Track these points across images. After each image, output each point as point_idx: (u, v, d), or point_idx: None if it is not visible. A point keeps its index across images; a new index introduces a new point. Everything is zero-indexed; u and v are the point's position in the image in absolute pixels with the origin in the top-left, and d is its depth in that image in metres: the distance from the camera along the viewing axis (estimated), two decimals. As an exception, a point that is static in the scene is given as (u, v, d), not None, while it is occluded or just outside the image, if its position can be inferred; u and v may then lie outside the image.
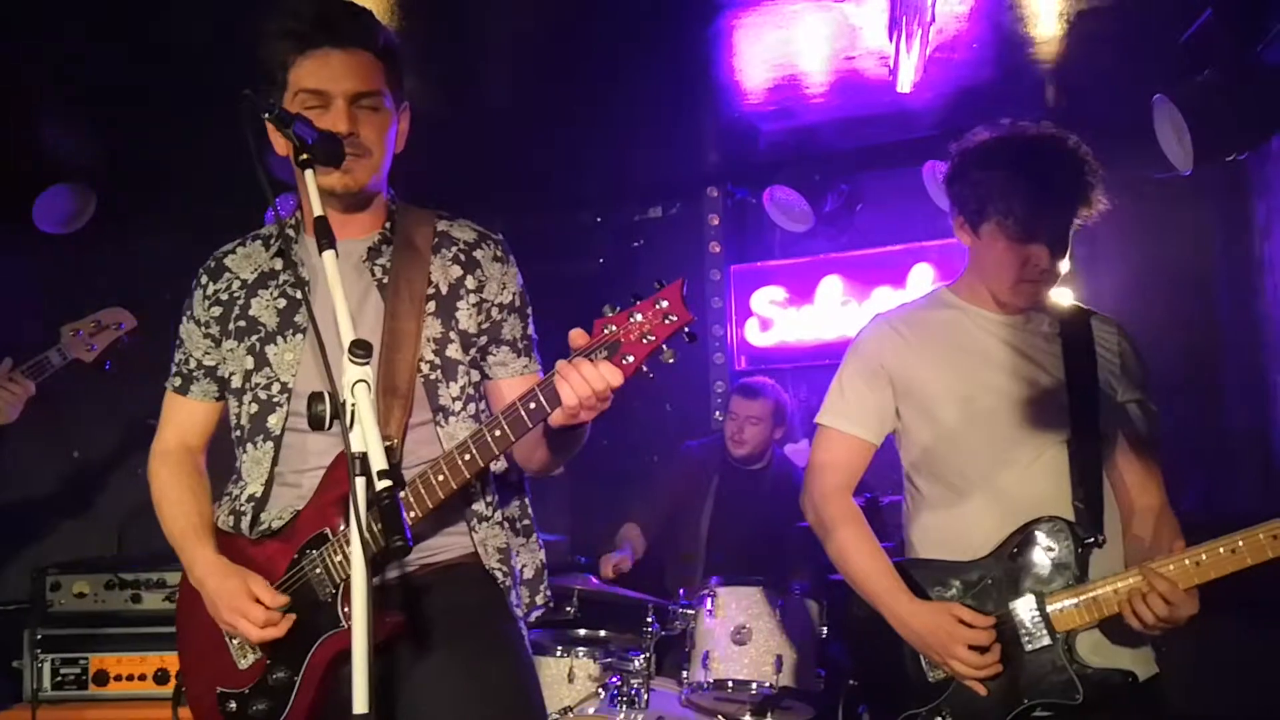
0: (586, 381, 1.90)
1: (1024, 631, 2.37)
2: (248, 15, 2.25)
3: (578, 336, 1.95)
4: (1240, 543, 2.23)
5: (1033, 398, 2.47)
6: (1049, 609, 2.36)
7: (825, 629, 3.97)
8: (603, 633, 4.31)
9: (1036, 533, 2.41)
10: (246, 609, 2.10)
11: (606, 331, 1.92)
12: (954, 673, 2.37)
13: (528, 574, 2.36)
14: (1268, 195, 4.47)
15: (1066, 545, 2.39)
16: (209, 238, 2.50)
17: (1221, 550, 2.24)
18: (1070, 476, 2.44)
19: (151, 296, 4.01)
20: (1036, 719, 2.37)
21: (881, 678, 2.55)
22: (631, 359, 1.91)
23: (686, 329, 1.93)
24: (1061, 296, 2.65)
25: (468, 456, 2.03)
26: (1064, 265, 2.50)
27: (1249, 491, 4.49)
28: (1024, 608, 2.38)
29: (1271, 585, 2.28)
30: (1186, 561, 2.25)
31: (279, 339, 2.25)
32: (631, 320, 1.92)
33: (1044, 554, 2.39)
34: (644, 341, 1.91)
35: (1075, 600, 2.35)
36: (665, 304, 1.91)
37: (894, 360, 2.58)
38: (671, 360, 1.94)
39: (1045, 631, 2.36)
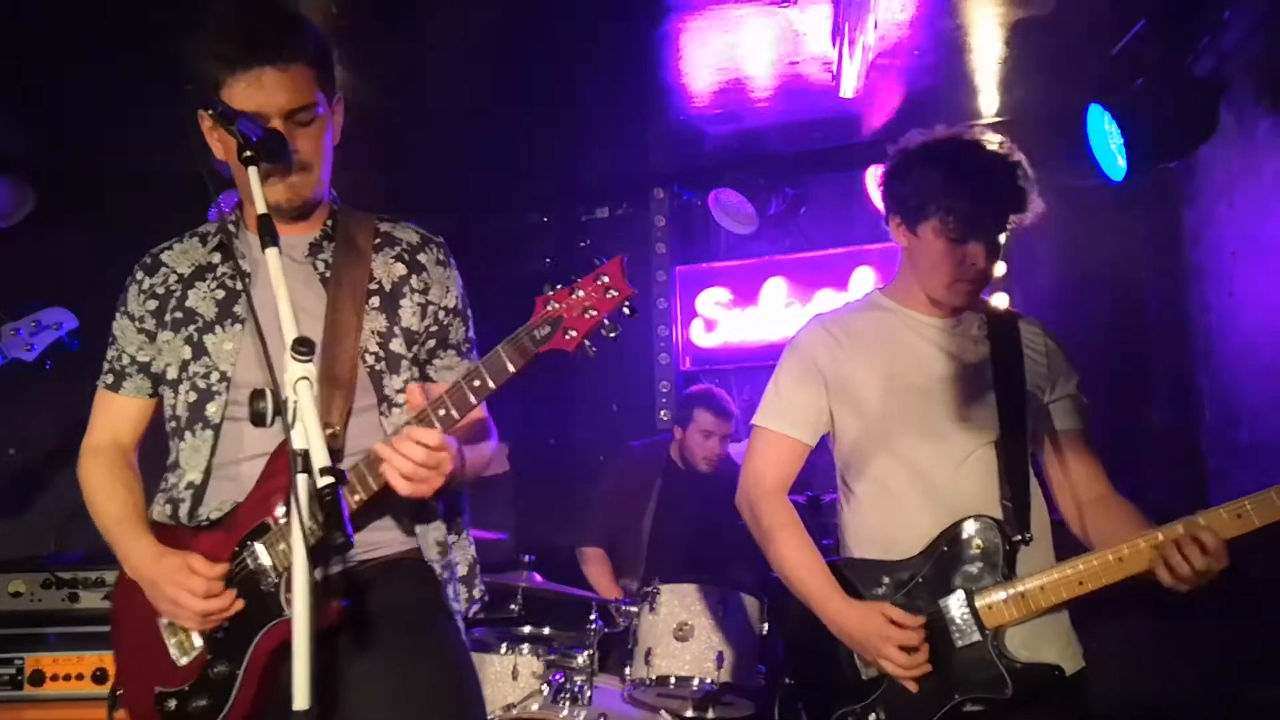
0: (403, 456, 1.98)
1: (954, 628, 2.41)
2: (188, 10, 2.24)
3: (412, 397, 2.06)
4: (1224, 514, 2.27)
5: (961, 399, 2.52)
6: (978, 605, 2.40)
7: (766, 625, 4.02)
8: (546, 630, 4.33)
9: (965, 531, 2.45)
10: (187, 581, 2.09)
11: (549, 308, 1.97)
12: (886, 671, 2.40)
13: (462, 570, 2.38)
14: (1196, 203, 4.60)
15: (995, 543, 2.43)
16: (148, 235, 2.48)
17: (1224, 515, 2.27)
18: (998, 476, 2.49)
19: (89, 293, 3.97)
20: (968, 713, 2.41)
21: (817, 676, 2.57)
22: (574, 333, 1.96)
23: (627, 303, 1.97)
24: (993, 300, 2.73)
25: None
26: (998, 268, 2.59)
27: (1175, 492, 4.62)
28: (954, 605, 2.42)
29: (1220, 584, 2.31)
30: (1223, 514, 2.27)
31: (217, 329, 2.25)
32: (574, 296, 1.97)
33: (973, 552, 2.44)
34: (586, 316, 1.96)
35: (1004, 596, 2.39)
36: (606, 279, 1.97)
37: (827, 361, 2.61)
38: (613, 335, 1.98)
39: (975, 628, 2.40)
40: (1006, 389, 2.52)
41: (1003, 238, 2.53)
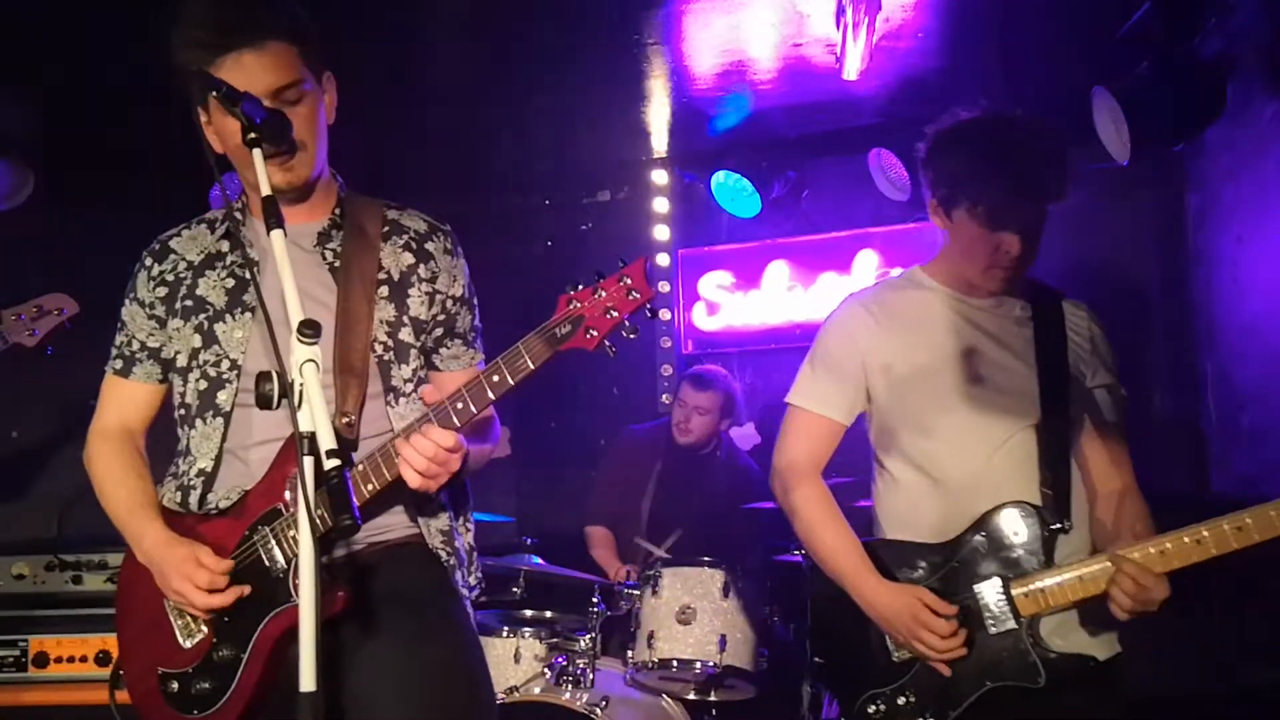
0: (419, 453, 2.00)
1: (988, 615, 2.39)
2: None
3: (429, 394, 2.08)
4: (1205, 533, 2.24)
5: (1002, 382, 2.48)
6: (1014, 593, 2.38)
7: (769, 609, 4.03)
8: (549, 613, 4.35)
9: (1003, 517, 2.41)
10: (193, 572, 2.10)
11: (571, 307, 1.98)
12: (918, 654, 2.39)
13: (462, 555, 2.38)
14: (1201, 188, 4.59)
15: (1033, 530, 2.39)
16: (151, 219, 2.48)
17: (1186, 540, 2.25)
18: (1038, 461, 2.45)
19: (91, 276, 3.96)
20: (1006, 704, 2.38)
21: (845, 656, 2.55)
22: (595, 333, 1.97)
23: (648, 305, 1.99)
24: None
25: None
26: (1035, 246, 2.48)
27: (1180, 477, 4.61)
28: (989, 591, 2.39)
29: (1226, 567, 2.30)
30: (1151, 549, 2.26)
31: (228, 317, 2.26)
32: (596, 296, 1.98)
33: (1010, 538, 2.40)
34: (608, 316, 1.97)
35: (1040, 585, 2.36)
36: (629, 280, 1.98)
37: (865, 340, 2.57)
38: (634, 336, 2.00)
39: (1010, 616, 2.37)
40: (1049, 372, 2.47)
41: (1042, 222, 2.46)
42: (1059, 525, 2.40)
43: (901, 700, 2.42)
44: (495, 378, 2.01)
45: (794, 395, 2.65)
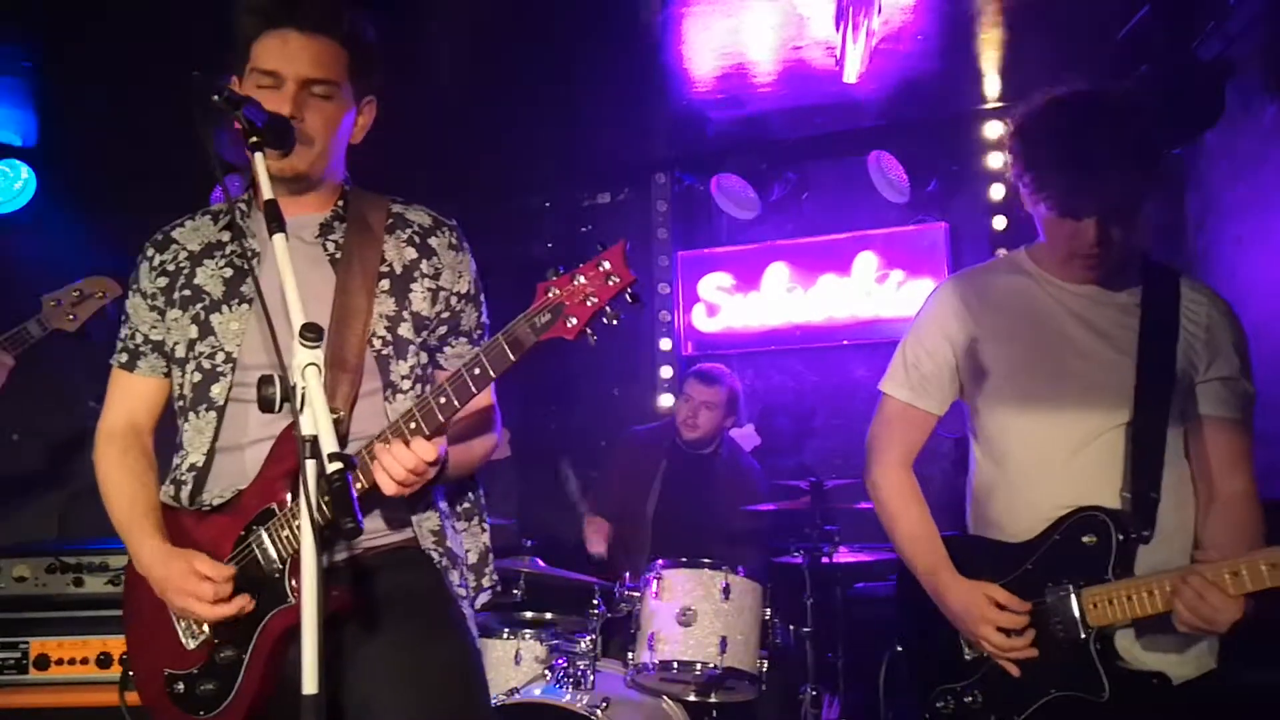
0: (398, 463, 1.99)
1: (1058, 622, 2.30)
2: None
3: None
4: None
5: (1096, 376, 2.36)
6: (1084, 602, 2.28)
7: (769, 611, 4.03)
8: (549, 615, 4.35)
9: (1079, 522, 2.32)
10: (195, 588, 2.09)
11: (550, 295, 1.94)
12: (986, 651, 2.34)
13: (471, 558, 2.37)
14: (1201, 190, 4.59)
15: (1108, 538, 2.29)
16: (152, 218, 2.48)
17: (1263, 567, 2.09)
18: (1125, 463, 2.33)
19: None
20: (1072, 715, 2.30)
21: (924, 648, 2.52)
22: (575, 321, 1.93)
23: (629, 290, 1.94)
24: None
25: (412, 425, 2.04)
26: (1126, 234, 2.32)
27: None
28: (1060, 598, 2.30)
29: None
30: (1226, 569, 2.11)
31: (224, 308, 2.24)
32: (575, 283, 1.93)
33: (1084, 545, 2.30)
34: (587, 303, 1.92)
35: (1110, 596, 2.25)
36: (607, 265, 1.93)
37: (957, 328, 2.49)
38: (615, 322, 1.95)
39: (1078, 625, 2.28)
40: (1150, 366, 2.33)
41: (1130, 204, 2.29)
42: (1136, 535, 2.28)
43: (969, 699, 2.38)
44: (476, 370, 1.99)
45: (885, 383, 2.59)
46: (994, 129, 5.20)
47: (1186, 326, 2.38)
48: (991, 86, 5.02)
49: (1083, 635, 2.27)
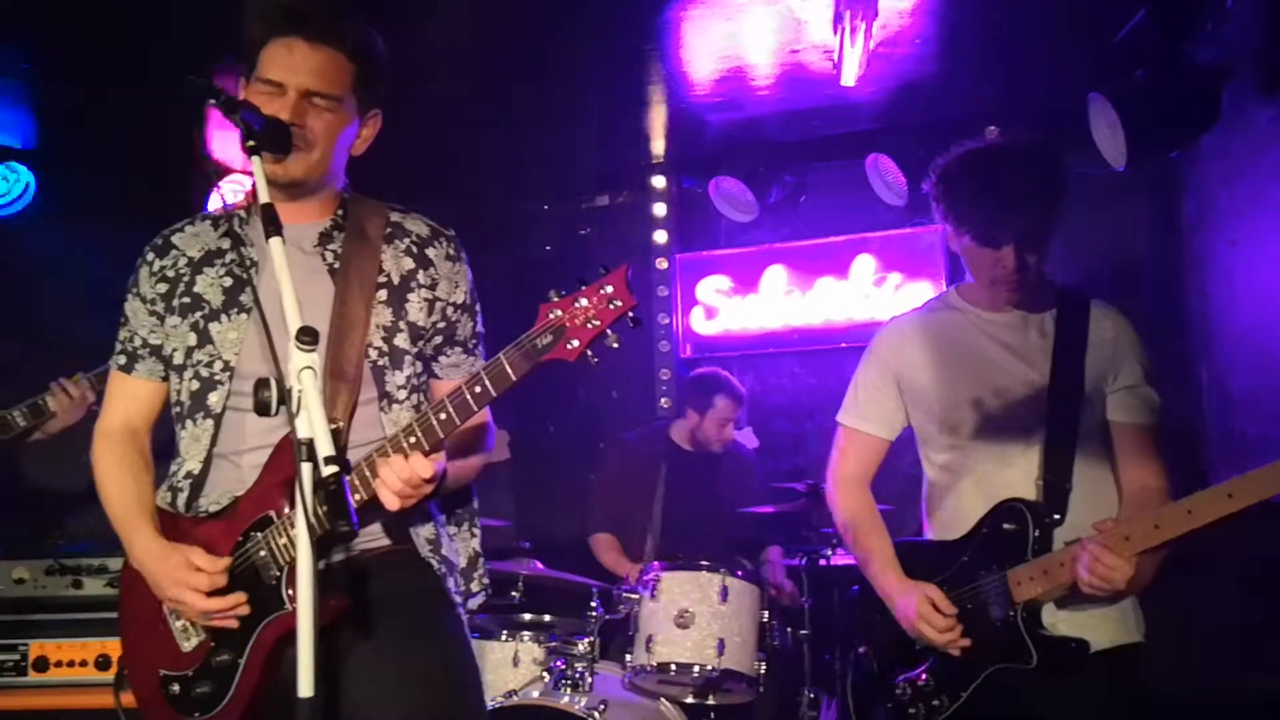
0: (397, 477, 2.01)
1: (991, 603, 2.59)
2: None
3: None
4: (1161, 516, 2.33)
5: (1016, 391, 2.67)
6: (1009, 581, 2.56)
7: (766, 613, 4.04)
8: (547, 617, 4.35)
9: (1001, 513, 2.62)
10: (189, 578, 2.10)
11: (551, 316, 1.95)
12: (926, 642, 2.63)
13: (461, 562, 2.38)
14: (1198, 193, 4.60)
15: (1027, 524, 2.57)
16: (148, 221, 2.49)
17: (1144, 523, 2.35)
18: (1040, 464, 2.63)
19: (88, 280, 3.98)
20: (1008, 684, 2.57)
21: (883, 643, 2.81)
22: (576, 343, 1.94)
23: (630, 314, 1.96)
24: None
25: (412, 440, 2.05)
26: (1040, 259, 2.65)
27: (1178, 485, 4.60)
28: (989, 582, 2.60)
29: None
30: (1117, 533, 2.37)
31: (223, 317, 2.25)
32: (576, 305, 1.95)
33: (1006, 532, 2.60)
34: (589, 326, 1.94)
35: (1030, 574, 2.53)
36: (610, 289, 1.94)
37: (897, 362, 2.82)
38: (616, 345, 1.97)
39: (1006, 602, 2.56)
40: (1061, 378, 2.64)
41: (1040, 231, 2.62)
42: (1050, 518, 2.57)
43: (921, 683, 2.68)
44: (477, 389, 2.00)
45: (842, 415, 2.92)
46: (992, 133, 5.21)
47: (1094, 342, 2.68)
48: (989, 90, 5.03)
49: (1010, 612, 2.55)
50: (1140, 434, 2.65)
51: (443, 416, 2.03)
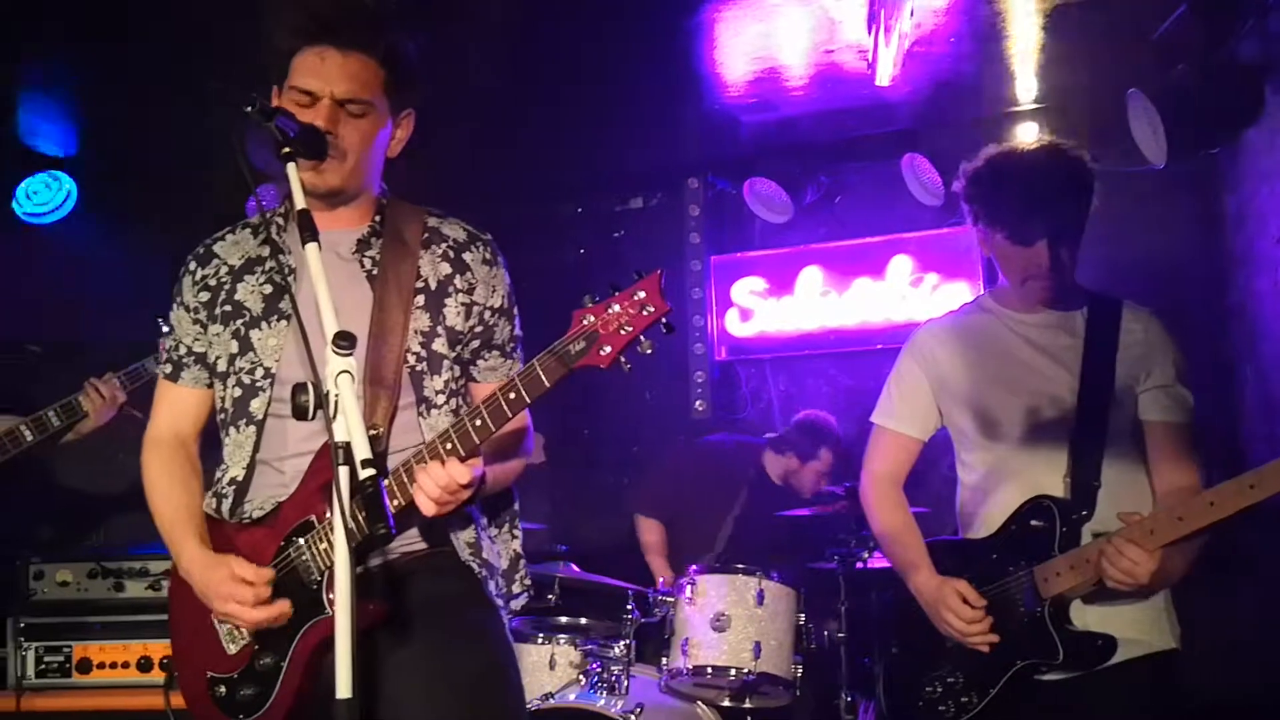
0: (434, 483, 2.01)
1: (1017, 599, 2.61)
2: (228, 9, 2.27)
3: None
4: (1183, 511, 2.34)
5: (1045, 389, 2.70)
6: (1036, 578, 2.59)
7: (803, 616, 4.02)
8: (583, 620, 4.35)
9: (1029, 510, 2.65)
10: (235, 591, 2.11)
11: (585, 322, 1.95)
12: (952, 636, 2.66)
13: (503, 564, 2.39)
14: (1239, 190, 4.53)
15: (1054, 520, 2.60)
16: (187, 230, 2.51)
17: (1167, 516, 2.36)
18: (1068, 461, 2.65)
19: (131, 287, 4.03)
20: (1041, 681, 2.60)
21: (915, 643, 2.83)
22: (609, 349, 1.94)
23: (664, 320, 1.95)
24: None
25: (449, 446, 2.05)
26: (1071, 255, 2.68)
27: (1214, 482, 4.55)
28: (1017, 578, 2.63)
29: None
30: (1141, 526, 2.38)
31: (263, 324, 2.26)
32: (609, 311, 1.94)
33: (1034, 529, 2.63)
34: (621, 332, 1.93)
35: (1057, 569, 2.55)
36: (643, 295, 1.94)
37: (930, 365, 2.87)
38: (649, 351, 1.97)
39: (1034, 598, 2.58)
40: (1091, 378, 2.67)
41: (1071, 228, 2.65)
42: (1077, 514, 2.59)
43: (951, 680, 2.71)
44: (512, 395, 2.00)
45: (876, 415, 2.97)
46: (1028, 130, 5.16)
47: (1125, 343, 2.69)
48: (1025, 88, 4.98)
49: (1037, 608, 2.58)
50: (1172, 432, 2.65)
51: (478, 423, 2.03)
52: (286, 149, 2.00)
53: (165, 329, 2.45)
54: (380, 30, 2.21)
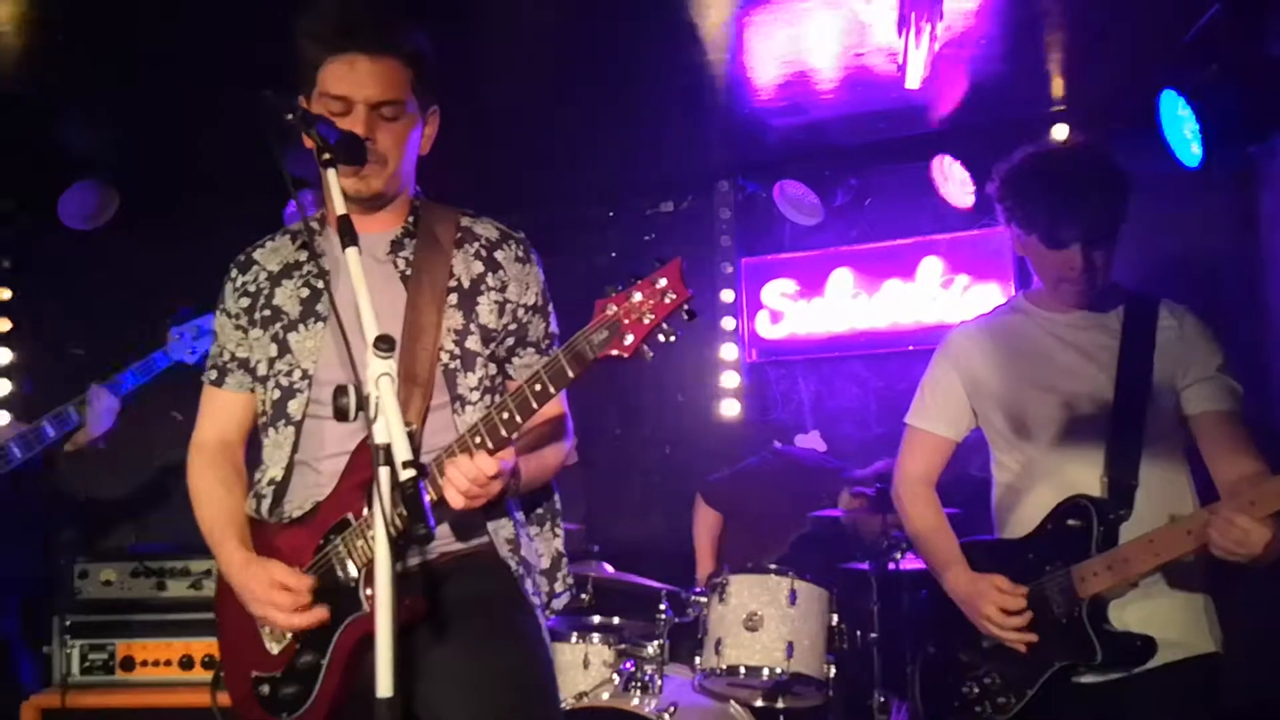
0: (462, 474, 2.03)
1: (1055, 600, 2.60)
2: (270, 14, 2.31)
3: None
4: None
5: (1081, 389, 2.70)
6: (1074, 577, 2.57)
7: (835, 616, 4.03)
8: (617, 620, 4.37)
9: (1065, 510, 2.65)
10: (274, 597, 2.15)
11: (607, 312, 1.96)
12: (990, 634, 2.65)
13: (544, 563, 2.41)
14: (1276, 188, 4.50)
15: (1090, 519, 2.60)
16: (226, 237, 2.57)
17: (1270, 486, 2.31)
18: (1105, 459, 2.65)
19: (170, 294, 4.10)
20: (1081, 684, 2.59)
21: (951, 644, 2.83)
22: (632, 338, 1.95)
23: (685, 306, 1.95)
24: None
25: (478, 439, 2.08)
26: (1107, 257, 2.68)
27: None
28: (1054, 578, 2.62)
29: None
30: (1242, 498, 2.33)
31: (301, 327, 2.31)
32: (631, 300, 1.95)
33: (1071, 528, 2.62)
34: (644, 320, 1.94)
35: (1095, 569, 2.54)
36: (664, 282, 1.95)
37: (965, 365, 2.88)
38: (672, 339, 1.97)
39: (1071, 598, 2.57)
40: (1128, 375, 2.66)
41: (1106, 228, 2.64)
42: (1115, 514, 2.58)
43: (988, 680, 2.70)
44: (537, 386, 2.03)
45: (909, 416, 2.99)
46: (1060, 132, 5.13)
47: (1162, 341, 2.69)
48: (1057, 89, 4.96)
49: (1075, 608, 2.56)
50: (1225, 420, 2.63)
51: (505, 415, 2.06)
52: (327, 155, 2.04)
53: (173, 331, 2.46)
54: (403, 31, 2.24)
